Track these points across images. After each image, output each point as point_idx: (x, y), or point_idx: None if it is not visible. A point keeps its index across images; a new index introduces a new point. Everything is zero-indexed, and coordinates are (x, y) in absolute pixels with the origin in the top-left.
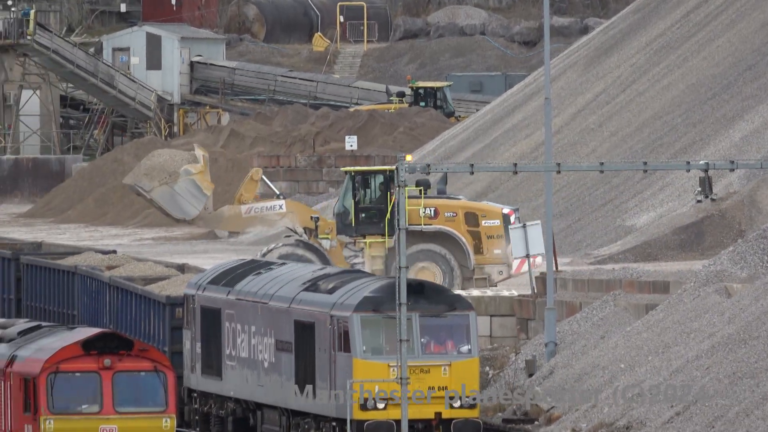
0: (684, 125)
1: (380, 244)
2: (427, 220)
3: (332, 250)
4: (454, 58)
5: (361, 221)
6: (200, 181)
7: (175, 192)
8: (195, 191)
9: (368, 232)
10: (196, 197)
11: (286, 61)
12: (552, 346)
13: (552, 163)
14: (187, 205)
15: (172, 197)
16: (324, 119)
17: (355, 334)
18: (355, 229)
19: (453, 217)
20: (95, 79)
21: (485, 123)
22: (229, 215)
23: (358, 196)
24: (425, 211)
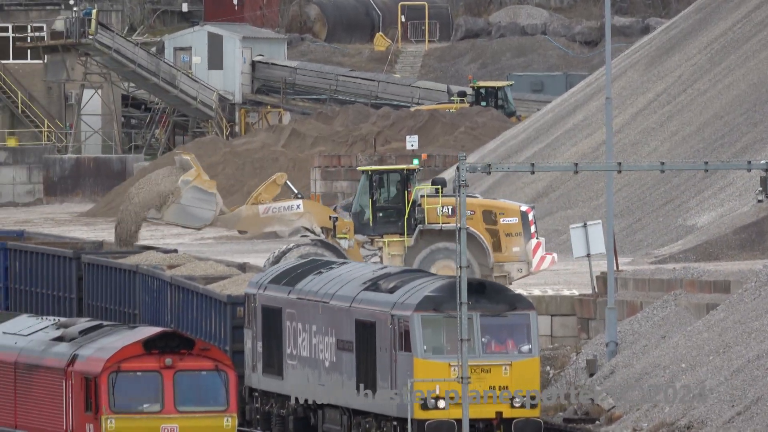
0: (745, 125)
1: (399, 243)
2: (444, 218)
3: (350, 249)
4: (515, 57)
5: (378, 220)
6: (201, 184)
7: (184, 205)
8: (201, 195)
9: (386, 232)
10: (205, 200)
11: (348, 61)
12: (613, 345)
13: (613, 163)
14: (200, 211)
15: (184, 212)
16: (385, 119)
17: (416, 334)
18: (372, 228)
19: (471, 215)
20: (157, 79)
21: (546, 122)
22: (247, 215)
23: (376, 196)
24: (443, 210)
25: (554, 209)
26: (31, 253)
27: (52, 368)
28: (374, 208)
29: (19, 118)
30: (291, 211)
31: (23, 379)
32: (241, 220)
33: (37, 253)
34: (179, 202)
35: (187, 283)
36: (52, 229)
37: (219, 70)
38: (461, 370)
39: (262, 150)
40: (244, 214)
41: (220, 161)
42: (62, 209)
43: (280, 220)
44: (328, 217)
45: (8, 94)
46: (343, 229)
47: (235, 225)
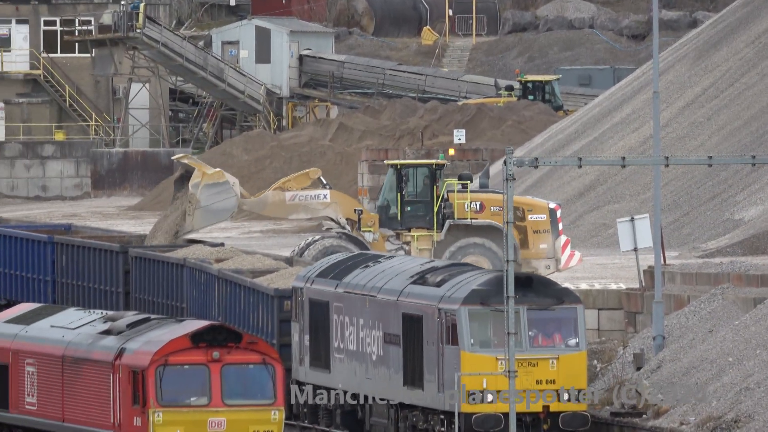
0: None
1: (427, 237)
2: (473, 214)
3: (374, 243)
4: (562, 51)
5: (406, 215)
6: (210, 179)
7: (205, 207)
8: (216, 188)
9: (414, 226)
10: (222, 191)
11: (395, 55)
12: (660, 339)
13: (660, 157)
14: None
15: (209, 212)
16: (432, 113)
17: (463, 328)
18: (400, 222)
19: (499, 211)
20: (204, 73)
21: (593, 116)
22: (273, 201)
23: (404, 190)
24: (471, 206)
25: (601, 203)
26: (79, 247)
27: (99, 362)
28: (402, 202)
29: (67, 111)
30: (317, 200)
31: (71, 373)
32: (268, 205)
33: (84, 247)
34: (200, 207)
35: (235, 277)
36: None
37: (266, 64)
38: (508, 363)
39: (309, 144)
40: (270, 200)
41: (267, 155)
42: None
43: (306, 208)
44: (353, 209)
45: (56, 87)
46: (368, 222)
47: (261, 210)
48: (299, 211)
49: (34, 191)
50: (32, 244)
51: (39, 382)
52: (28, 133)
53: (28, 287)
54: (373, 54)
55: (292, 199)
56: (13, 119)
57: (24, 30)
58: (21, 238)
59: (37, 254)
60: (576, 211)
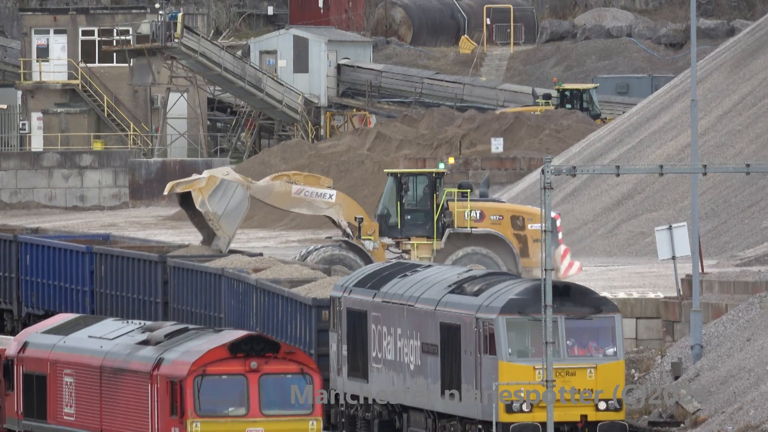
0: None
1: (427, 246)
2: (472, 222)
3: (375, 251)
4: (600, 60)
5: (406, 223)
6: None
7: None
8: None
9: (414, 234)
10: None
11: (433, 64)
12: (698, 348)
13: (698, 165)
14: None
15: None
16: (470, 122)
17: (501, 337)
18: (400, 230)
19: (499, 220)
20: (242, 82)
21: (631, 125)
22: (278, 191)
23: (403, 198)
24: (471, 214)
25: (639, 212)
26: (117, 257)
27: (137, 372)
28: (402, 210)
29: (105, 121)
30: (323, 199)
31: (109, 383)
32: (272, 194)
33: (122, 257)
34: (221, 215)
35: (272, 287)
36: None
37: (305, 74)
38: (546, 373)
39: (347, 153)
40: (276, 189)
41: (305, 164)
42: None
43: (310, 204)
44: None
45: (94, 97)
46: (368, 231)
47: (265, 197)
48: (302, 206)
49: (72, 201)
50: (70, 254)
51: (77, 393)
52: (66, 143)
53: (67, 297)
54: (411, 63)
55: (298, 193)
56: (52, 129)
57: (62, 40)
58: (59, 249)
59: (75, 264)
60: (614, 219)
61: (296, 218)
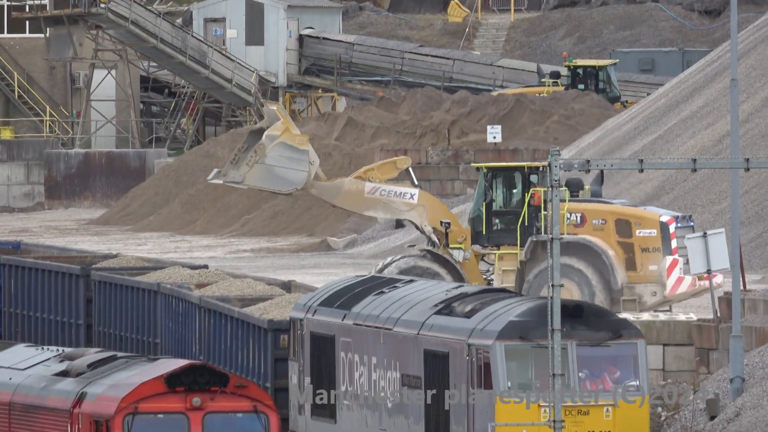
0: None
1: (513, 256)
2: (572, 228)
3: (465, 262)
4: (620, 30)
5: (494, 228)
6: (291, 140)
7: (269, 165)
8: (291, 153)
9: (503, 242)
10: (296, 159)
11: (416, 35)
12: (739, 381)
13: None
14: (290, 172)
15: (270, 173)
16: (461, 105)
17: (498, 367)
18: (486, 237)
19: (602, 225)
20: (183, 57)
21: (657, 110)
22: (349, 189)
23: (491, 199)
24: (571, 218)
25: None
26: (30, 269)
27: (55, 409)
28: (488, 213)
29: (16, 104)
30: (402, 199)
31: (20, 423)
32: (342, 193)
33: (36, 269)
34: (264, 162)
35: (220, 306)
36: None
37: (259, 46)
38: (553, 412)
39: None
40: (346, 188)
41: None
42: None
43: (387, 206)
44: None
45: (2, 75)
46: (458, 238)
47: (332, 198)
48: (377, 208)
49: None
50: None
51: None
52: None
53: None
54: (389, 34)
55: (373, 192)
56: None
57: None
58: None
59: None
60: None
61: (248, 223)
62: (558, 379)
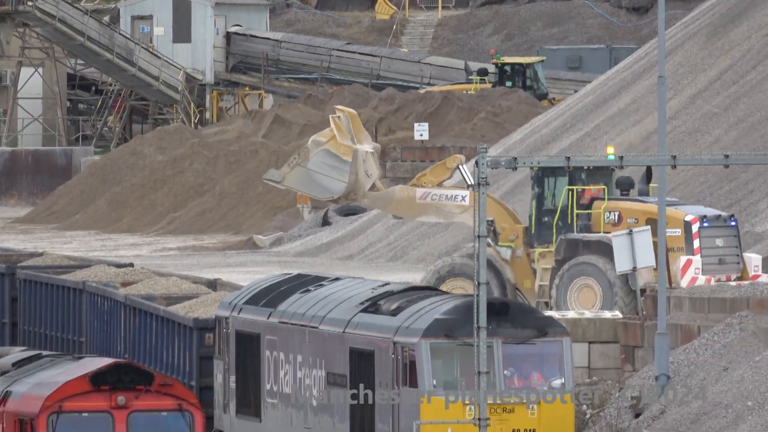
0: None
1: (550, 255)
2: (610, 226)
3: (517, 261)
4: (547, 27)
5: (542, 227)
6: (336, 148)
7: (311, 170)
8: (333, 161)
9: (548, 241)
10: (337, 168)
11: (343, 32)
12: (664, 379)
13: (666, 156)
14: (328, 180)
15: (309, 178)
16: (388, 103)
17: (424, 366)
18: (537, 236)
19: (634, 224)
20: (110, 55)
21: (585, 107)
22: (401, 197)
23: (536, 195)
24: (610, 216)
25: None
26: None
27: None
28: (538, 211)
29: None
30: (454, 202)
31: None
32: (394, 201)
33: None
34: (305, 166)
35: (145, 304)
36: None
37: (186, 44)
38: (478, 409)
39: (238, 141)
40: (397, 195)
41: (186, 154)
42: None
43: (439, 210)
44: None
45: None
46: (510, 236)
47: (386, 206)
48: (430, 213)
49: None
50: None
51: None
52: None
53: None
54: (317, 31)
55: (424, 198)
56: None
57: None
58: None
59: None
60: None
61: (174, 221)
62: (483, 377)
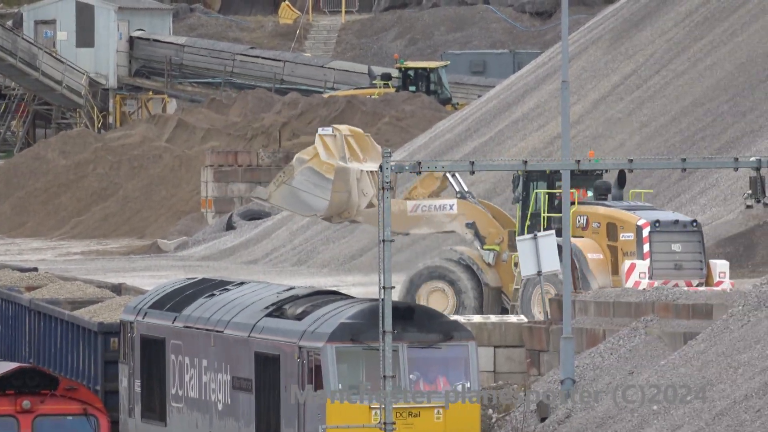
0: (731, 114)
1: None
2: (580, 231)
3: (502, 264)
4: (451, 32)
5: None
6: (318, 166)
7: (295, 188)
8: (316, 179)
9: None
10: (319, 185)
11: (247, 37)
12: (569, 383)
13: (570, 160)
14: (311, 198)
15: (294, 195)
16: (292, 107)
17: (329, 370)
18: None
19: (597, 228)
20: (13, 59)
21: (489, 112)
22: (393, 212)
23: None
24: (579, 221)
25: None
26: None
27: None
28: (522, 214)
29: None
30: (443, 212)
31: None
32: None
33: None
34: (290, 184)
35: (49, 309)
36: None
37: (90, 48)
38: (384, 414)
39: (141, 145)
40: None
41: (90, 159)
42: None
43: (430, 221)
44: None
45: None
46: (497, 239)
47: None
48: (421, 225)
49: None
50: None
51: None
52: None
53: None
54: (220, 36)
55: (414, 210)
56: None
57: None
58: None
59: None
60: None
61: (78, 225)
62: (389, 381)
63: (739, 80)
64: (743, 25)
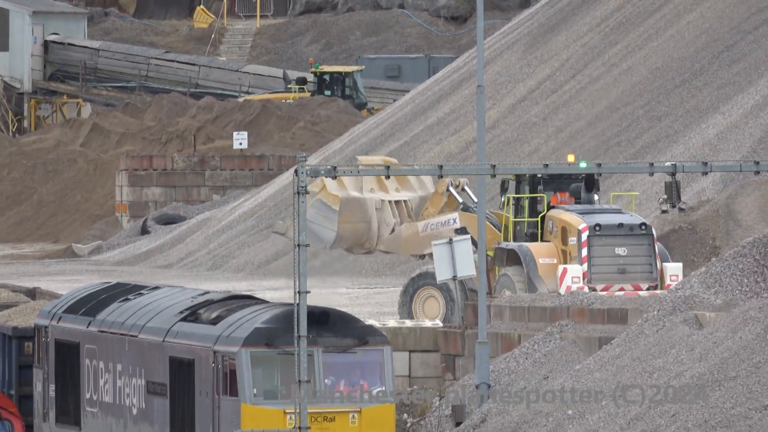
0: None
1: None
2: (548, 235)
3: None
4: (366, 36)
5: (517, 237)
6: (325, 198)
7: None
8: (323, 210)
9: None
10: (327, 217)
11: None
12: (484, 387)
13: (486, 165)
14: (320, 230)
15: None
16: (207, 111)
17: (244, 375)
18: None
19: (556, 232)
20: None
21: (404, 116)
22: (407, 235)
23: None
24: (548, 225)
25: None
26: None
27: None
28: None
29: None
30: (448, 227)
31: None
32: (403, 241)
33: None
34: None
35: None
36: None
37: (4, 53)
38: (299, 418)
39: (56, 149)
40: (404, 234)
41: (4, 163)
42: None
43: (439, 238)
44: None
45: None
46: (493, 244)
47: (398, 248)
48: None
49: None
50: None
51: None
52: None
53: None
54: (135, 40)
55: (425, 230)
56: None
57: None
58: None
59: None
60: None
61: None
62: (304, 386)
63: (654, 85)
64: (658, 30)
